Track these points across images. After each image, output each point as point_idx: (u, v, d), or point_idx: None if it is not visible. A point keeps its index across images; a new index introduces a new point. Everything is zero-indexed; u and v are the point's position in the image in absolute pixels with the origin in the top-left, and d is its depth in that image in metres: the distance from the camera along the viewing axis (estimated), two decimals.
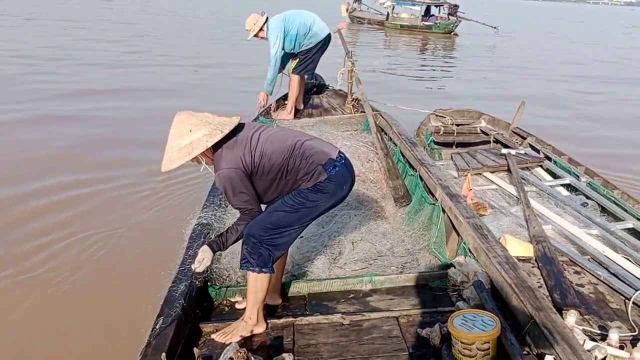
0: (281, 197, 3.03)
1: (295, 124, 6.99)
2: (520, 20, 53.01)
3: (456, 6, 31.59)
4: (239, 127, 3.02)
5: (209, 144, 2.85)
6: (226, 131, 2.89)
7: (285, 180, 3.01)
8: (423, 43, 27.52)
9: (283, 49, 7.01)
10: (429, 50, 25.52)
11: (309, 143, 3.06)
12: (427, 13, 32.16)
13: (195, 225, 4.05)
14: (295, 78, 7.28)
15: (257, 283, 2.98)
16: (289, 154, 2.97)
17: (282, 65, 7.27)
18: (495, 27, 30.31)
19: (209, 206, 4.38)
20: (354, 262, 4.01)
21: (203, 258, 2.99)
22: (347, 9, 35.34)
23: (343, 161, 3.09)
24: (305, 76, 7.52)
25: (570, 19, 64.57)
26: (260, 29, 6.94)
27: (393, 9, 33.17)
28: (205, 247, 3.02)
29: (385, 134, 6.47)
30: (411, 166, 5.38)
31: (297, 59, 7.25)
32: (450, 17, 31.41)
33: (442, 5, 32.29)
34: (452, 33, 31.00)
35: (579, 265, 3.88)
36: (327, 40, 7.28)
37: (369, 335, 3.08)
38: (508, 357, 2.71)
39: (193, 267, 3.03)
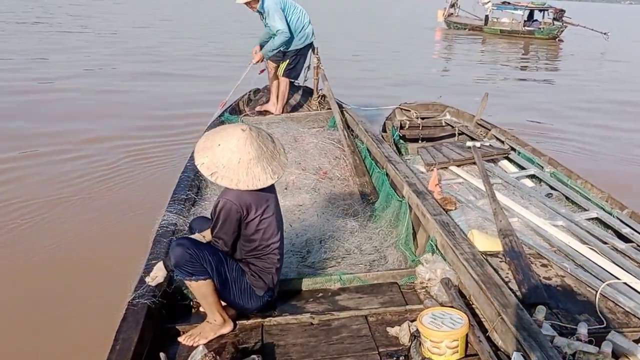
0: (232, 257, 3.09)
1: (262, 121, 6.94)
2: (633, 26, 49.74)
3: (562, 11, 29.57)
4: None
5: (222, 182, 2.86)
6: (243, 188, 2.87)
7: (245, 250, 3.08)
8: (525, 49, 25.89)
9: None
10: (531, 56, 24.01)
11: (280, 259, 3.19)
12: (530, 18, 30.41)
13: (160, 224, 3.97)
14: (285, 81, 7.17)
15: (200, 290, 2.96)
16: (272, 247, 3.10)
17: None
18: (605, 34, 28.23)
19: (173, 204, 4.31)
20: (322, 261, 3.99)
21: (156, 275, 2.97)
22: (444, 14, 34.01)
23: (274, 296, 3.26)
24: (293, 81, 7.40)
25: None
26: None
27: (492, 12, 31.30)
28: (160, 264, 2.98)
29: (352, 131, 6.45)
30: (378, 163, 5.36)
31: (287, 61, 7.08)
32: (555, 22, 29.43)
33: (547, 10, 30.26)
34: (557, 39, 29.20)
35: (546, 258, 3.91)
36: (312, 46, 7.19)
37: (338, 334, 3.06)
38: (477, 354, 2.72)
39: (147, 280, 3.02)
